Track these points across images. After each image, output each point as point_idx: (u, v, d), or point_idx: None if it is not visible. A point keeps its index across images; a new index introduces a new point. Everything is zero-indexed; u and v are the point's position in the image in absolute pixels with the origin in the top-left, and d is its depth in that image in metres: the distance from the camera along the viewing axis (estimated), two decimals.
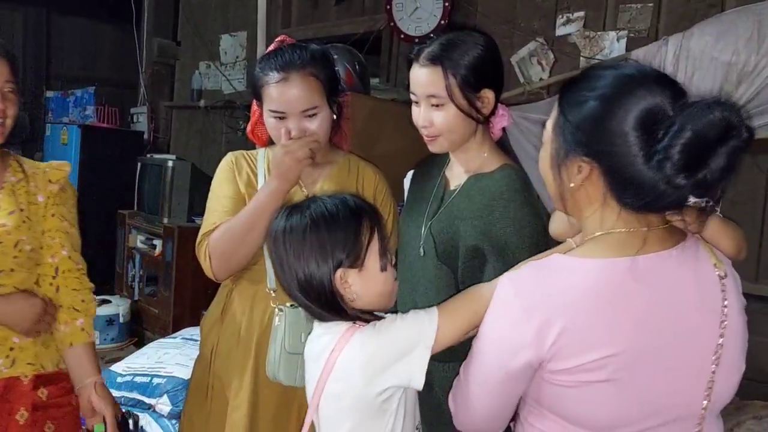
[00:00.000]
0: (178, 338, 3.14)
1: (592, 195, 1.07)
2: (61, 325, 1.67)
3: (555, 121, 1.09)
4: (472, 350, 1.13)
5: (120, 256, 5.02)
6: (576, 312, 1.01)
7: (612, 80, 1.03)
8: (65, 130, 5.25)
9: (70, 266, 1.70)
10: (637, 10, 3.04)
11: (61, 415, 1.65)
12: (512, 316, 1.04)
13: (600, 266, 1.03)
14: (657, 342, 1.01)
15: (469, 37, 1.50)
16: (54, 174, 1.70)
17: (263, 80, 1.60)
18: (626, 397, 1.02)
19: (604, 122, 1.01)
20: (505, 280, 1.09)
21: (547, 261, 1.08)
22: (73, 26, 6.16)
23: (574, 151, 1.05)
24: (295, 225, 1.22)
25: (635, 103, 0.99)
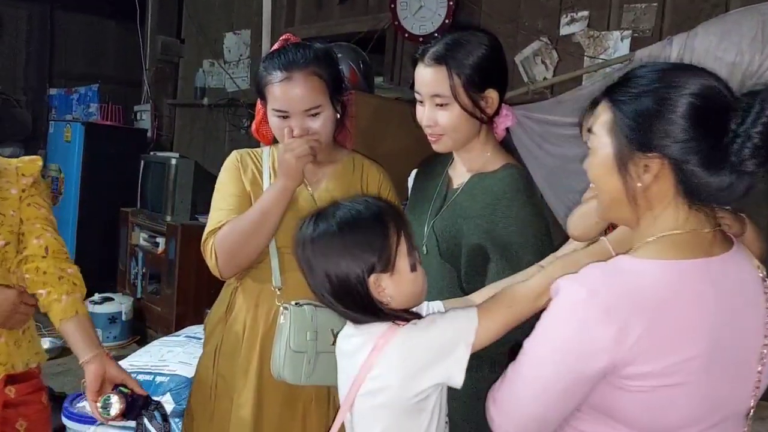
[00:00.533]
0: (181, 336, 3.14)
1: (661, 193, 1.04)
2: (53, 303, 1.57)
3: (609, 124, 1.05)
4: (526, 355, 1.08)
5: (123, 253, 5.03)
6: (657, 314, 0.98)
7: (662, 73, 1.03)
8: (68, 127, 5.25)
9: (58, 247, 1.65)
10: (642, 10, 3.04)
11: (32, 413, 1.66)
12: (588, 318, 0.99)
13: (677, 268, 1.02)
14: (724, 343, 1.02)
15: (474, 37, 1.50)
16: (26, 168, 1.68)
17: (267, 79, 1.60)
18: (695, 400, 1.02)
19: (666, 113, 1.00)
20: (568, 282, 1.04)
21: (614, 263, 1.05)
22: (77, 23, 6.16)
23: (640, 149, 1.02)
24: (324, 231, 1.21)
25: (694, 89, 0.99)
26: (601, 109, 1.08)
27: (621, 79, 1.08)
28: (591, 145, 1.10)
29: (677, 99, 0.99)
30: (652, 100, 1.01)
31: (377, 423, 1.20)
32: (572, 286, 1.03)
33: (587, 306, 0.99)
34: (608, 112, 1.06)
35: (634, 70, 1.09)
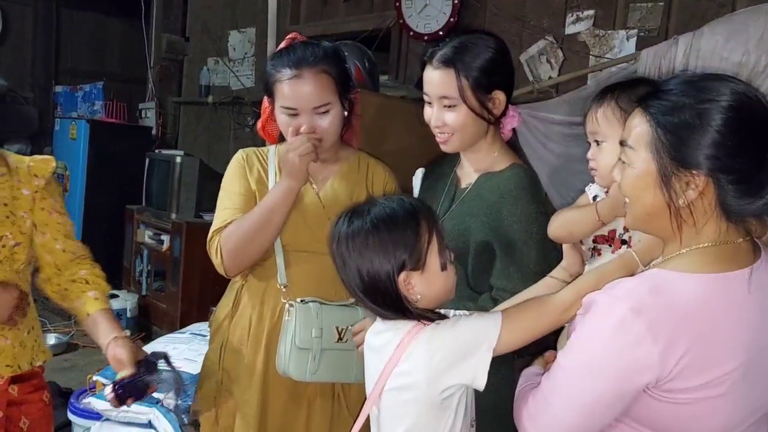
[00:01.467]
0: (186, 333, 3.15)
1: (704, 208, 1.03)
2: (75, 301, 1.67)
3: (648, 138, 1.04)
4: (564, 369, 1.08)
5: (128, 251, 5.04)
6: (700, 331, 0.99)
7: (694, 84, 1.03)
8: (74, 125, 5.26)
9: (65, 258, 1.70)
10: (648, 9, 3.04)
11: (34, 411, 1.67)
12: (633, 336, 0.98)
13: (717, 281, 1.02)
14: (761, 350, 1.03)
15: (481, 40, 1.53)
16: (39, 168, 1.69)
17: (276, 77, 1.61)
18: (736, 407, 1.03)
19: (709, 129, 0.99)
20: (607, 297, 1.03)
21: (653, 277, 1.04)
22: (82, 21, 6.18)
23: (684, 165, 1.01)
24: (359, 228, 1.23)
25: (730, 99, 0.99)
26: (636, 122, 1.07)
27: (653, 92, 1.07)
28: (627, 159, 1.09)
29: (715, 112, 0.99)
30: (689, 114, 1.00)
31: (403, 419, 1.21)
32: (613, 303, 1.02)
33: (631, 324, 0.99)
34: (645, 125, 1.05)
35: (665, 82, 1.08)
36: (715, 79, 1.04)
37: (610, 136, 1.31)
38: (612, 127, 1.31)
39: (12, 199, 1.62)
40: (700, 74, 1.07)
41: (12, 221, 1.60)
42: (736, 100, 0.99)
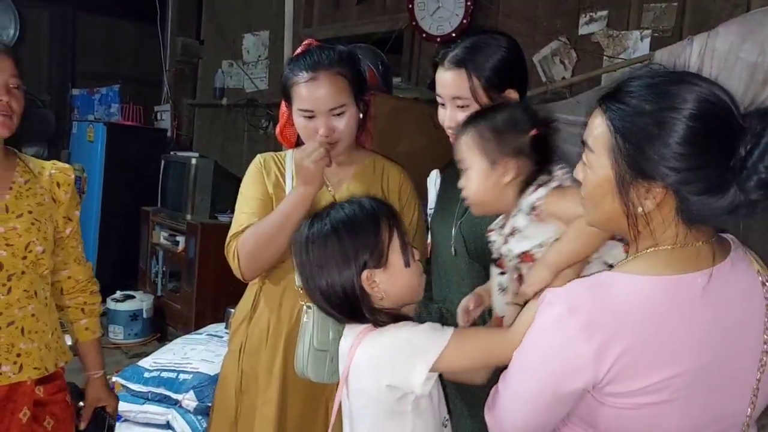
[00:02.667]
0: (203, 334, 3.18)
1: (662, 217, 1.00)
2: (69, 321, 1.83)
3: (608, 144, 1.00)
4: (513, 367, 1.08)
5: (143, 252, 5.09)
6: (641, 331, 0.96)
7: (657, 88, 0.98)
8: (91, 127, 5.32)
9: (69, 285, 1.81)
10: (662, 10, 3.03)
11: (58, 411, 1.71)
12: (567, 334, 0.97)
13: (666, 283, 0.99)
14: (716, 356, 0.99)
15: (493, 40, 1.53)
16: (61, 177, 1.74)
17: (293, 80, 1.63)
18: (686, 415, 0.99)
19: (668, 140, 0.95)
20: (552, 296, 1.03)
21: (598, 278, 1.03)
22: (98, 25, 6.22)
23: (642, 176, 0.97)
24: (317, 233, 1.27)
25: (693, 108, 0.94)
26: (596, 123, 1.03)
27: (614, 90, 1.03)
28: (587, 160, 1.06)
29: (676, 122, 0.94)
30: (650, 123, 0.96)
31: (362, 423, 1.24)
32: (552, 301, 1.01)
33: (566, 323, 0.98)
34: (604, 128, 1.01)
35: (627, 82, 1.02)
36: (680, 82, 0.98)
37: (473, 164, 1.32)
38: (474, 155, 1.31)
39: (36, 205, 1.66)
40: (664, 74, 1.02)
41: (37, 227, 1.64)
42: (699, 108, 0.94)
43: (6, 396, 1.58)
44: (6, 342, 1.58)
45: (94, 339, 1.85)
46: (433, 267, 1.71)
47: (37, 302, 1.65)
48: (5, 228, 1.58)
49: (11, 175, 1.65)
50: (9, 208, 1.61)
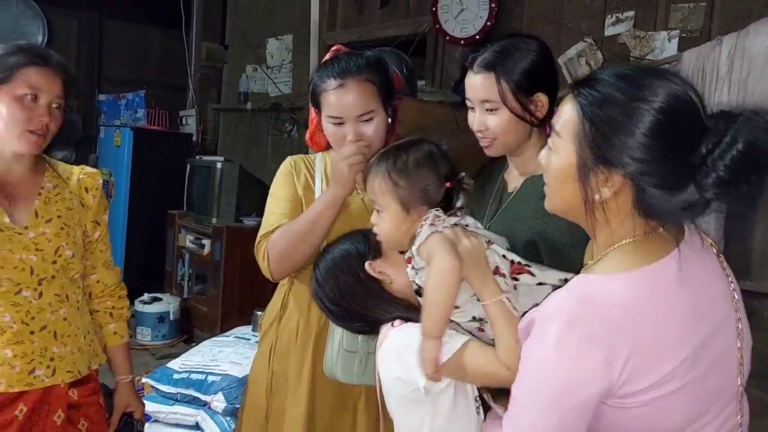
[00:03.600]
0: (231, 337, 3.20)
1: (619, 208, 1.01)
2: (100, 328, 1.84)
3: (574, 129, 1.02)
4: (518, 403, 1.04)
5: (170, 255, 5.14)
6: (637, 329, 0.96)
7: (629, 79, 0.99)
8: (118, 132, 5.39)
9: (98, 289, 1.83)
10: (690, 9, 3.00)
11: (92, 413, 1.73)
12: (572, 350, 0.96)
13: (644, 275, 0.99)
14: (705, 333, 1.01)
15: (523, 44, 1.53)
16: (89, 182, 1.76)
17: (321, 87, 1.64)
18: (696, 400, 1.00)
19: (634, 129, 0.96)
20: (540, 316, 1.00)
21: (580, 286, 1.02)
22: (124, 31, 6.31)
23: (603, 162, 0.99)
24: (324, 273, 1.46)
25: (662, 102, 0.95)
26: (567, 107, 1.04)
27: (586, 79, 1.04)
28: (552, 144, 1.08)
29: (645, 114, 0.95)
30: (619, 112, 0.97)
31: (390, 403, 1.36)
32: (546, 321, 0.99)
33: (568, 339, 0.96)
34: (573, 113, 1.02)
35: (600, 71, 1.04)
36: (654, 76, 0.99)
37: (386, 208, 1.37)
38: (388, 201, 1.37)
39: (66, 210, 1.68)
40: (640, 68, 1.04)
41: (66, 232, 1.66)
42: (669, 102, 0.96)
43: (40, 399, 1.60)
44: (39, 346, 1.60)
45: (122, 343, 1.87)
46: None
47: (68, 306, 1.67)
48: (35, 233, 1.60)
49: (40, 180, 1.67)
50: (38, 213, 1.63)
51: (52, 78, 1.59)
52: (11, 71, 1.54)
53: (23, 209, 1.62)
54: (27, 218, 1.62)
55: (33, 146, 1.58)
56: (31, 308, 1.59)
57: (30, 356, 1.58)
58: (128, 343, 1.91)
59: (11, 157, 1.61)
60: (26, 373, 1.57)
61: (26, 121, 1.55)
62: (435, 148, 1.40)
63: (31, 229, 1.61)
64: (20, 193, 1.63)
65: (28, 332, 1.58)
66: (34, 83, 1.55)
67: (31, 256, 1.59)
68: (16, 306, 1.57)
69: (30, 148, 1.58)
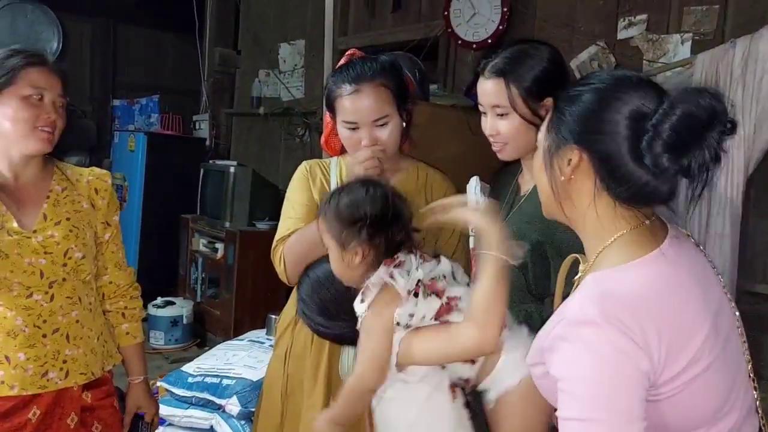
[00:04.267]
0: (245, 340, 3.20)
1: (583, 187, 1.07)
2: (113, 328, 1.84)
3: (548, 120, 1.12)
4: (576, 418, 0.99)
5: (183, 259, 5.17)
6: (659, 311, 0.99)
7: (605, 75, 1.09)
8: (132, 137, 5.43)
9: (110, 290, 1.84)
10: (703, 12, 2.99)
11: (106, 416, 1.74)
12: (616, 342, 0.97)
13: (647, 262, 1.04)
14: (714, 311, 1.05)
15: (533, 50, 1.56)
16: (98, 183, 1.77)
17: (336, 93, 1.66)
18: (723, 374, 1.04)
19: (594, 110, 1.04)
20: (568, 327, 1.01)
21: (593, 283, 1.04)
22: (138, 37, 6.37)
23: (565, 141, 1.07)
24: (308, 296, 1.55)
25: (626, 94, 1.03)
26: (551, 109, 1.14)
27: (575, 82, 1.14)
28: (537, 141, 1.17)
29: (609, 100, 1.03)
30: (586, 99, 1.06)
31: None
32: (575, 329, 1.00)
33: (608, 332, 0.97)
34: (551, 111, 1.12)
35: (587, 75, 1.14)
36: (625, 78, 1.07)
37: (328, 245, 1.42)
38: (328, 239, 1.42)
39: (74, 212, 1.69)
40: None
41: (75, 234, 1.66)
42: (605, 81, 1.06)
43: (53, 402, 1.61)
44: (52, 349, 1.61)
45: (135, 344, 1.87)
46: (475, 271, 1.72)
47: (81, 308, 1.67)
48: (43, 236, 1.61)
49: (48, 184, 1.68)
50: (47, 216, 1.64)
51: (52, 77, 1.63)
52: (13, 73, 1.57)
53: (32, 213, 1.64)
54: (35, 222, 1.63)
55: (44, 143, 1.60)
56: (42, 311, 1.60)
57: (43, 359, 1.59)
58: (142, 344, 1.91)
59: (20, 160, 1.63)
60: (39, 376, 1.58)
61: (34, 119, 1.57)
62: (375, 191, 1.41)
63: (39, 232, 1.62)
64: (29, 197, 1.65)
65: (40, 335, 1.59)
66: (38, 83, 1.59)
67: (40, 260, 1.60)
68: (27, 309, 1.59)
69: (41, 145, 1.60)
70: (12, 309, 1.58)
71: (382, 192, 1.40)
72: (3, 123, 1.58)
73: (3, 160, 1.62)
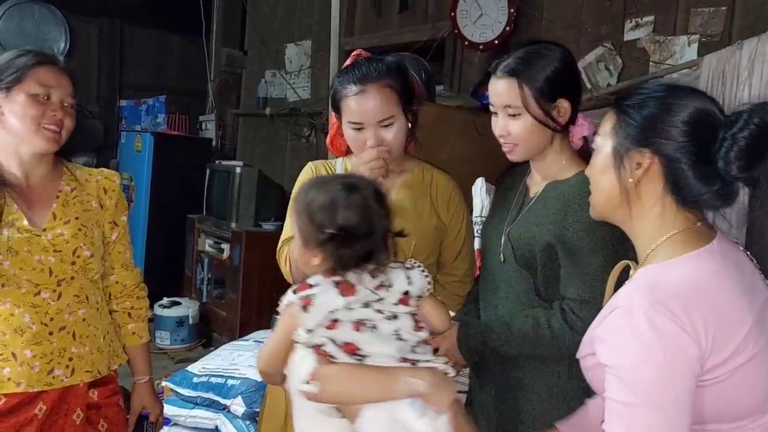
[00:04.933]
0: (250, 341, 3.21)
1: (651, 191, 1.11)
2: (119, 328, 1.85)
3: (613, 124, 1.14)
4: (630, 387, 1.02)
5: (189, 259, 5.19)
6: (705, 302, 1.03)
7: (666, 88, 1.14)
8: (139, 137, 5.45)
9: (117, 290, 1.84)
10: (710, 14, 2.98)
11: (111, 414, 1.74)
12: (665, 327, 1.00)
13: (695, 257, 1.08)
14: (759, 308, 1.08)
15: (546, 50, 1.54)
16: (107, 183, 1.78)
17: (342, 93, 1.66)
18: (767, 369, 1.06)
19: (666, 116, 1.08)
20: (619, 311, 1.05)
21: (642, 276, 1.10)
22: (144, 37, 6.39)
23: (635, 145, 1.10)
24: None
25: (694, 102, 1.09)
26: (608, 115, 1.17)
27: (630, 91, 1.17)
28: (595, 146, 1.19)
29: (679, 107, 1.08)
30: (655, 106, 1.10)
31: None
32: (626, 316, 1.03)
33: (657, 318, 1.00)
34: (613, 116, 1.15)
35: (640, 85, 1.19)
36: (695, 92, 1.14)
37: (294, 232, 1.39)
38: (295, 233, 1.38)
39: (83, 211, 1.70)
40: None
41: (84, 233, 1.67)
42: (698, 105, 1.09)
43: (59, 398, 1.62)
44: (58, 346, 1.61)
45: (140, 344, 1.87)
46: (481, 273, 1.73)
47: (88, 307, 1.68)
48: (53, 235, 1.63)
49: (58, 184, 1.70)
50: (56, 215, 1.65)
51: (62, 77, 1.64)
52: (23, 72, 1.59)
53: (42, 212, 1.65)
54: (45, 220, 1.64)
55: (50, 142, 1.61)
56: (49, 309, 1.61)
57: (49, 356, 1.60)
58: (147, 344, 1.91)
59: (30, 159, 1.64)
60: (45, 373, 1.59)
61: (40, 117, 1.59)
62: (354, 198, 1.28)
63: (49, 230, 1.63)
64: (39, 196, 1.66)
65: (47, 333, 1.60)
66: (46, 81, 1.60)
67: (49, 258, 1.61)
68: (35, 307, 1.60)
69: (47, 144, 1.61)
70: (20, 306, 1.59)
71: (360, 201, 1.27)
72: (11, 120, 1.59)
73: (14, 159, 1.64)
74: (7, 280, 1.58)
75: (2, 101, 1.59)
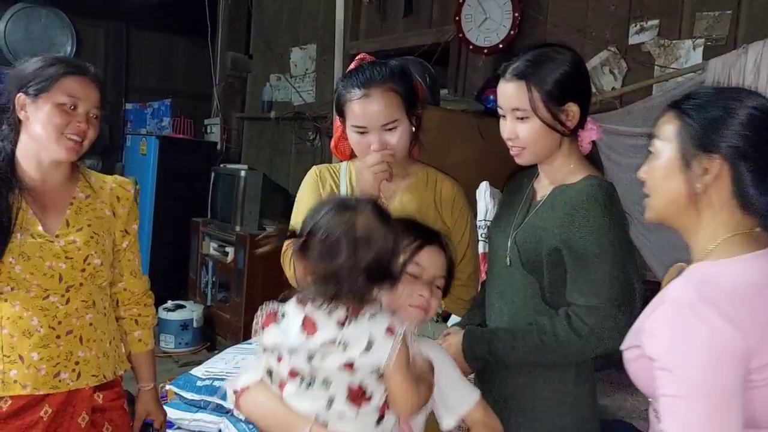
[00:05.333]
0: (254, 344, 3.20)
1: (718, 196, 1.11)
2: (125, 335, 1.85)
3: (676, 129, 1.13)
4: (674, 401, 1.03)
5: (194, 262, 5.20)
6: (753, 303, 1.04)
7: (723, 90, 1.16)
8: (144, 141, 5.47)
9: (124, 297, 1.85)
10: (715, 18, 2.97)
11: (116, 417, 1.75)
12: (713, 321, 1.01)
13: (750, 260, 1.09)
14: None
15: (556, 53, 1.53)
16: (121, 192, 1.79)
17: (346, 97, 1.66)
18: None
19: (731, 120, 1.08)
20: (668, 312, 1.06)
21: (694, 272, 1.11)
22: (150, 41, 6.41)
23: (703, 150, 1.09)
24: None
25: (755, 102, 1.09)
26: (666, 119, 1.16)
27: (685, 96, 1.16)
28: (654, 150, 1.17)
29: (740, 109, 1.08)
30: (717, 109, 1.10)
31: None
32: (675, 311, 1.04)
33: (706, 312, 1.01)
34: (675, 120, 1.14)
35: (696, 89, 1.18)
36: (743, 89, 1.15)
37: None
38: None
39: (96, 219, 1.71)
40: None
41: (96, 241, 1.69)
42: (759, 104, 1.10)
43: (65, 401, 1.63)
44: (65, 350, 1.63)
45: (146, 351, 1.88)
46: (488, 276, 1.72)
47: (95, 312, 1.70)
48: (65, 242, 1.64)
49: (73, 190, 1.71)
50: (69, 222, 1.67)
51: (90, 87, 1.65)
52: (51, 81, 1.60)
53: (55, 218, 1.66)
54: (58, 227, 1.65)
55: (69, 152, 1.62)
56: (58, 313, 1.62)
57: (56, 360, 1.61)
58: (152, 351, 1.92)
59: (49, 165, 1.66)
60: (51, 376, 1.61)
61: (64, 126, 1.60)
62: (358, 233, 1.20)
63: (62, 237, 1.64)
64: (53, 202, 1.68)
65: (54, 336, 1.62)
66: (74, 92, 1.61)
67: (60, 264, 1.62)
68: (43, 310, 1.61)
69: (66, 153, 1.62)
70: (29, 309, 1.60)
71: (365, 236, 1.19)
72: (36, 126, 1.61)
73: (33, 163, 1.65)
74: (17, 284, 1.59)
75: (28, 107, 1.61)
